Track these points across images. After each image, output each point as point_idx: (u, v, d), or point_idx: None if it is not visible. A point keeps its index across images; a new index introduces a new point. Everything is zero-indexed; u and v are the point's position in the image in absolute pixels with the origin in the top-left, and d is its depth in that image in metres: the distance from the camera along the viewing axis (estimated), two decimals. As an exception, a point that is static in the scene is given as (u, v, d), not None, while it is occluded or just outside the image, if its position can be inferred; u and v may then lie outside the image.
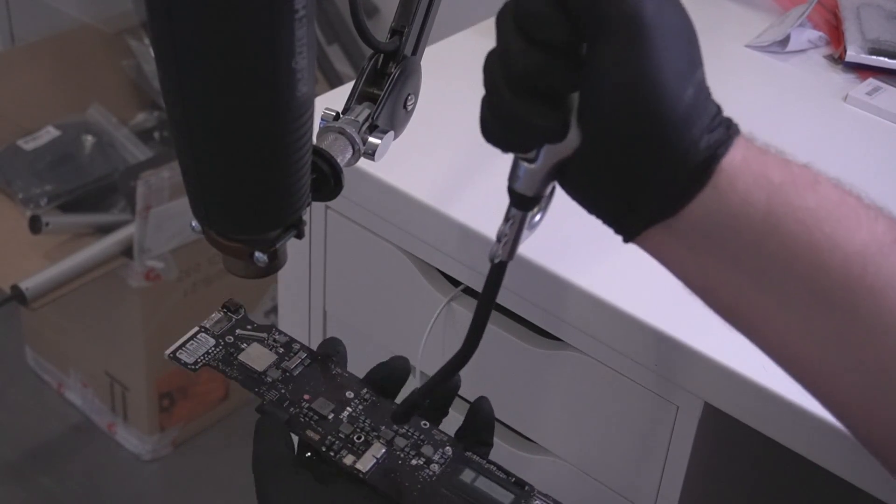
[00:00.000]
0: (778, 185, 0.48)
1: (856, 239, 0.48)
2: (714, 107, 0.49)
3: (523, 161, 0.51)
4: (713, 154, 0.48)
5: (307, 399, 0.62)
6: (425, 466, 0.60)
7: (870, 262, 0.48)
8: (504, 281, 0.90)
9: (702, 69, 0.49)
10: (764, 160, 0.49)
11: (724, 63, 1.14)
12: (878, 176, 0.98)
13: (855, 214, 0.49)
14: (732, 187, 0.48)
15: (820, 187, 0.49)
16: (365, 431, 0.61)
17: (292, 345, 0.65)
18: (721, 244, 0.49)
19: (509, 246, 0.54)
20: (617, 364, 0.86)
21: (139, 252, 1.85)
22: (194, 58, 0.48)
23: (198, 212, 0.56)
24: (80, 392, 1.99)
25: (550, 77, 0.48)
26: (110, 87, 2.18)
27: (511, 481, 0.60)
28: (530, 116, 0.48)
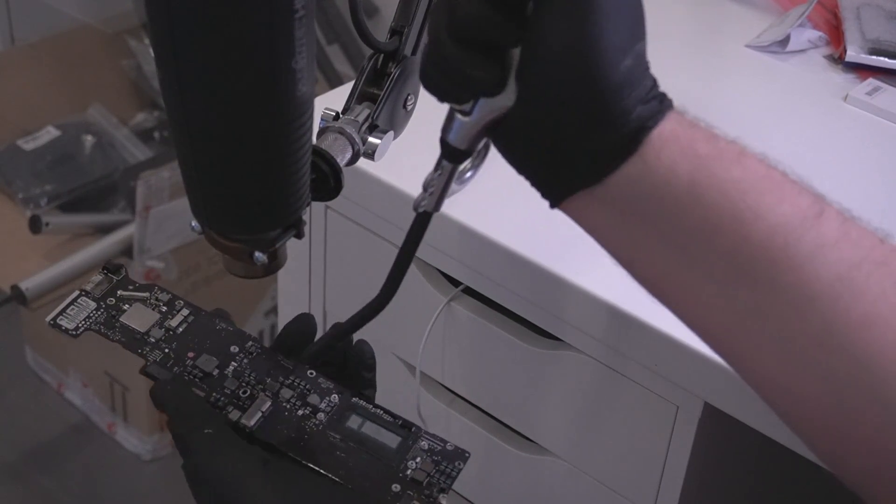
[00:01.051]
0: (703, 157, 0.48)
1: (779, 211, 0.48)
2: (650, 80, 0.49)
3: (458, 113, 0.51)
4: (643, 125, 0.48)
5: (191, 357, 0.61)
6: (312, 416, 0.60)
7: (791, 234, 0.48)
8: (504, 281, 0.90)
9: (643, 42, 0.49)
10: (692, 133, 0.49)
11: (724, 63, 1.14)
12: (878, 176, 0.98)
13: (779, 188, 0.49)
14: (658, 158, 0.48)
15: (745, 160, 0.49)
16: (250, 385, 0.60)
17: (175, 302, 0.64)
18: (645, 215, 0.49)
19: (435, 197, 0.55)
20: (617, 364, 0.86)
21: (139, 252, 1.85)
22: (194, 58, 0.48)
23: (198, 212, 0.56)
24: (80, 392, 1.99)
25: (492, 29, 0.48)
26: (110, 87, 2.18)
27: (398, 424, 0.60)
28: (467, 66, 0.48)
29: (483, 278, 0.91)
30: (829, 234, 0.48)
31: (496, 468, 1.01)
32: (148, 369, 0.61)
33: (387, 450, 0.59)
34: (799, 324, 0.48)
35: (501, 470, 1.00)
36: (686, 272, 0.50)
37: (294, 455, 0.58)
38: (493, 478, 1.02)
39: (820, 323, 0.48)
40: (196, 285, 1.91)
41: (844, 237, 0.48)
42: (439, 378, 1.01)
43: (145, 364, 0.61)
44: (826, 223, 0.48)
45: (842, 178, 0.97)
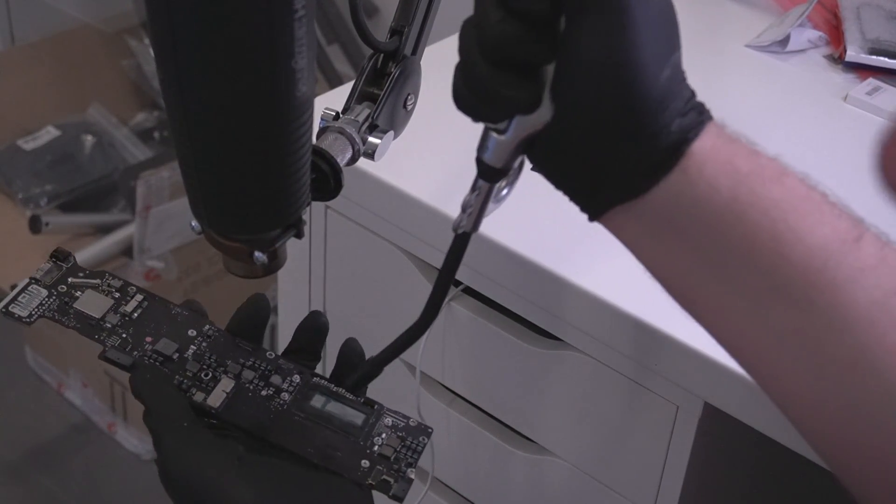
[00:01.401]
0: (745, 175, 0.48)
1: (818, 233, 0.48)
2: (688, 91, 0.49)
3: (493, 132, 0.51)
4: (684, 138, 0.48)
5: (150, 341, 0.61)
6: (276, 395, 0.60)
7: (831, 258, 0.47)
8: (504, 281, 0.90)
9: (679, 52, 0.49)
10: (733, 148, 0.49)
11: (724, 63, 1.14)
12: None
13: (819, 210, 0.49)
14: (700, 173, 0.48)
15: (787, 180, 0.49)
16: (212, 368, 0.60)
17: (128, 288, 0.64)
18: (684, 230, 0.49)
19: (474, 217, 0.54)
20: (617, 364, 0.86)
21: (139, 252, 1.85)
22: (194, 58, 0.48)
23: (198, 212, 0.56)
24: (80, 392, 1.99)
25: (525, 48, 0.47)
26: (110, 87, 2.18)
27: (360, 402, 0.61)
28: (502, 87, 0.48)
29: (483, 278, 0.91)
30: (868, 259, 0.48)
31: (496, 468, 1.01)
32: (107, 354, 0.61)
33: (352, 427, 0.60)
34: (833, 347, 0.48)
35: (501, 470, 1.00)
36: (722, 289, 0.50)
37: (261, 435, 0.58)
38: (493, 478, 1.02)
39: (855, 347, 0.47)
40: (196, 285, 1.91)
41: (882, 262, 0.48)
42: (439, 378, 1.01)
43: (104, 349, 0.61)
44: (865, 247, 0.48)
45: (842, 178, 0.97)
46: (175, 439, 0.56)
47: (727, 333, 0.51)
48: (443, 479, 1.06)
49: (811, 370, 0.49)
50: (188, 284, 1.90)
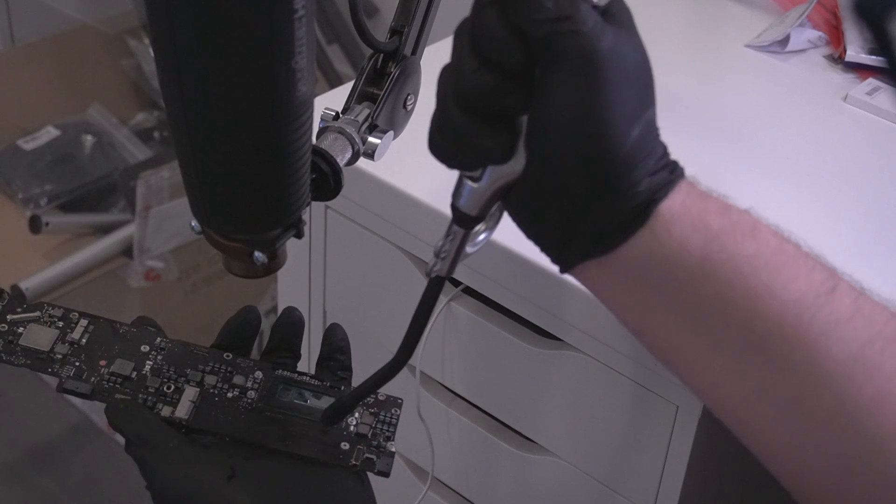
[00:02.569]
0: (716, 232, 0.48)
1: (792, 288, 0.48)
2: (661, 148, 0.49)
3: (468, 179, 0.51)
4: (652, 198, 0.48)
5: (104, 365, 0.61)
6: (242, 395, 0.60)
7: (806, 312, 0.47)
8: (504, 281, 0.90)
9: (653, 108, 0.49)
10: (704, 206, 0.49)
11: (724, 63, 1.14)
12: (878, 176, 0.98)
13: (793, 263, 0.48)
14: (668, 232, 0.48)
15: (759, 234, 0.49)
16: (172, 380, 0.60)
17: (70, 315, 0.63)
18: (655, 286, 0.49)
19: (448, 262, 0.54)
20: (617, 364, 0.86)
21: (139, 252, 1.85)
22: (194, 58, 0.48)
23: (198, 212, 0.56)
24: (80, 392, 1.99)
25: (499, 98, 0.47)
26: (110, 87, 2.18)
27: (327, 386, 0.61)
28: (475, 136, 0.48)
29: (483, 278, 0.91)
30: (843, 311, 0.48)
31: (496, 468, 1.01)
32: (65, 386, 0.60)
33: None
34: (811, 401, 0.48)
35: (501, 470, 1.00)
36: (697, 345, 0.50)
37: (238, 437, 0.58)
38: (493, 478, 1.02)
39: (832, 401, 0.47)
40: (196, 285, 1.91)
41: (857, 313, 0.48)
42: (439, 378, 1.01)
43: (60, 381, 0.60)
44: (839, 299, 0.48)
45: (842, 178, 0.97)
46: (166, 463, 0.55)
47: (705, 388, 0.51)
48: (443, 479, 1.06)
49: (790, 424, 0.49)
50: (188, 284, 1.90)
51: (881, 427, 0.47)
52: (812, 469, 0.49)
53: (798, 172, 0.97)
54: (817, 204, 0.93)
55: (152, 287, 1.85)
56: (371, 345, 1.04)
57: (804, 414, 0.48)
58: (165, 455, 0.56)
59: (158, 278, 1.85)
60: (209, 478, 0.55)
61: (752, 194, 0.93)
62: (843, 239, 0.88)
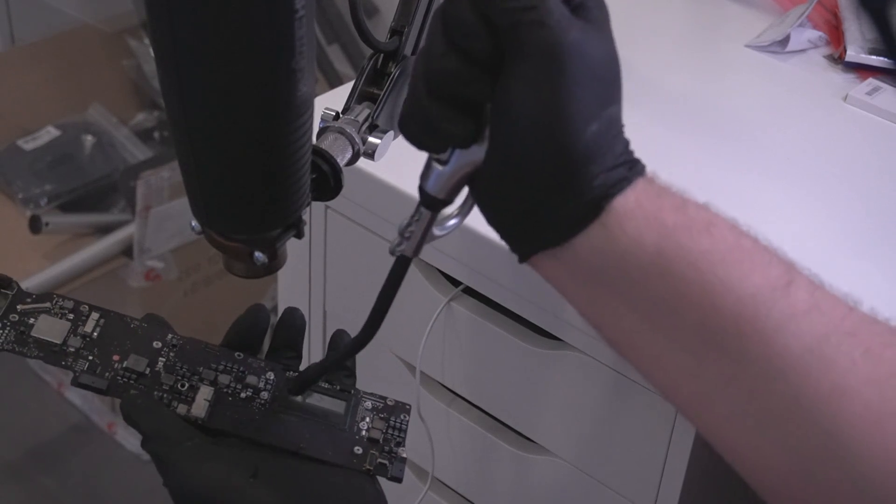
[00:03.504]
0: (671, 228, 0.48)
1: (748, 282, 0.47)
2: (621, 145, 0.49)
3: (436, 162, 0.52)
4: (605, 193, 0.48)
5: (117, 359, 0.60)
6: (255, 396, 0.60)
7: (762, 306, 0.47)
8: (504, 281, 0.90)
9: (617, 106, 0.49)
10: (659, 203, 0.49)
11: (724, 63, 1.14)
12: (879, 176, 0.98)
13: (749, 258, 0.48)
14: (622, 227, 0.48)
15: (715, 230, 0.48)
16: (186, 377, 0.60)
17: (80, 307, 0.61)
18: (610, 282, 0.49)
19: (414, 243, 0.55)
20: (617, 364, 0.86)
21: (139, 252, 1.85)
22: (194, 58, 0.48)
23: (198, 212, 0.56)
24: (79, 392, 1.99)
25: (464, 85, 0.48)
26: (110, 87, 2.18)
27: (337, 389, 0.62)
28: (440, 120, 0.49)
29: (483, 278, 0.91)
30: (799, 305, 0.47)
31: (496, 468, 1.01)
32: (80, 380, 0.59)
33: (335, 416, 0.60)
34: (768, 395, 0.48)
35: (501, 470, 1.00)
36: (653, 340, 0.50)
37: (252, 437, 0.58)
38: (493, 478, 1.02)
39: (789, 395, 0.47)
40: (196, 285, 1.91)
41: (814, 307, 0.48)
42: (439, 378, 1.01)
43: (75, 375, 0.59)
44: (796, 293, 0.48)
45: (842, 178, 0.97)
46: (187, 460, 0.55)
47: (663, 383, 0.52)
48: (443, 479, 1.06)
49: (748, 419, 0.49)
50: (188, 284, 1.90)
51: (838, 420, 0.47)
52: (772, 464, 0.49)
53: (798, 172, 0.97)
54: (817, 204, 0.93)
55: (152, 287, 1.85)
56: (371, 345, 1.04)
57: (762, 409, 0.48)
58: (185, 452, 0.56)
59: (158, 278, 1.85)
60: (231, 476, 0.55)
61: (752, 194, 0.93)
62: (843, 239, 0.88)
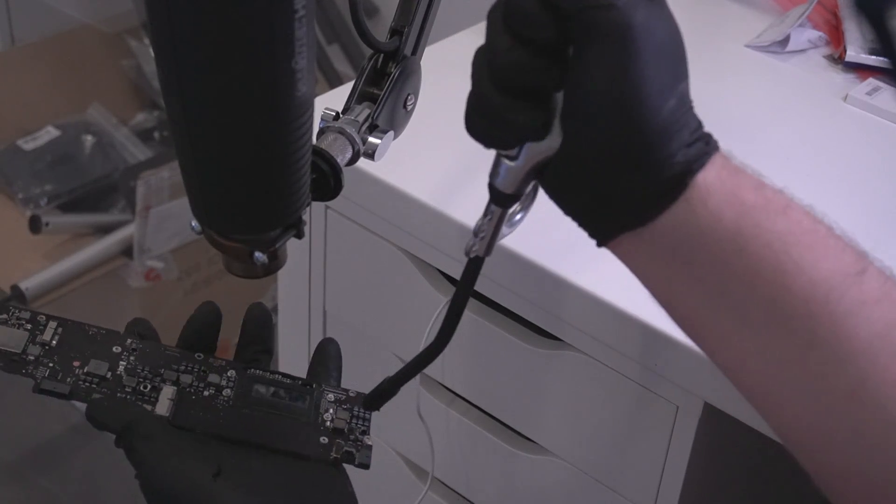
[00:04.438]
0: (749, 207, 0.48)
1: (822, 266, 0.48)
2: (695, 121, 0.49)
3: (505, 158, 0.51)
4: (688, 169, 0.48)
5: (78, 365, 0.60)
6: (218, 394, 0.60)
7: (833, 291, 0.48)
8: (504, 281, 0.90)
9: (686, 82, 0.49)
10: (738, 180, 0.49)
11: (724, 63, 1.14)
12: (878, 176, 0.98)
13: (823, 243, 0.49)
14: (704, 204, 0.48)
15: (791, 212, 0.49)
16: (148, 379, 0.60)
17: (37, 317, 0.62)
18: (688, 258, 0.49)
19: (486, 241, 0.55)
20: (617, 364, 0.86)
21: (139, 252, 1.85)
22: (194, 58, 0.48)
23: (198, 212, 0.56)
24: (80, 392, 1.99)
25: (534, 75, 0.48)
26: (110, 87, 2.18)
27: (299, 384, 0.62)
28: (512, 113, 0.49)
29: (483, 278, 0.91)
30: (871, 293, 0.48)
31: (496, 468, 1.01)
32: (42, 386, 0.59)
33: (299, 409, 0.61)
34: (834, 378, 0.48)
35: (501, 470, 1.00)
36: (724, 317, 0.50)
37: (217, 433, 0.58)
38: (493, 478, 1.02)
39: (855, 379, 0.48)
40: (196, 285, 1.91)
41: (885, 297, 0.48)
42: (439, 378, 1.01)
43: (36, 382, 0.59)
44: (868, 282, 0.48)
45: (842, 178, 0.97)
46: (154, 454, 0.55)
47: (729, 361, 0.52)
48: (443, 479, 1.06)
49: (812, 401, 0.49)
50: (188, 284, 1.90)
51: None
52: (831, 448, 0.50)
53: (798, 172, 0.97)
54: (817, 204, 0.93)
55: (152, 287, 1.85)
56: (371, 345, 1.04)
57: (826, 392, 0.48)
58: (155, 446, 0.56)
59: (158, 278, 1.85)
60: (197, 473, 0.55)
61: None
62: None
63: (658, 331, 0.81)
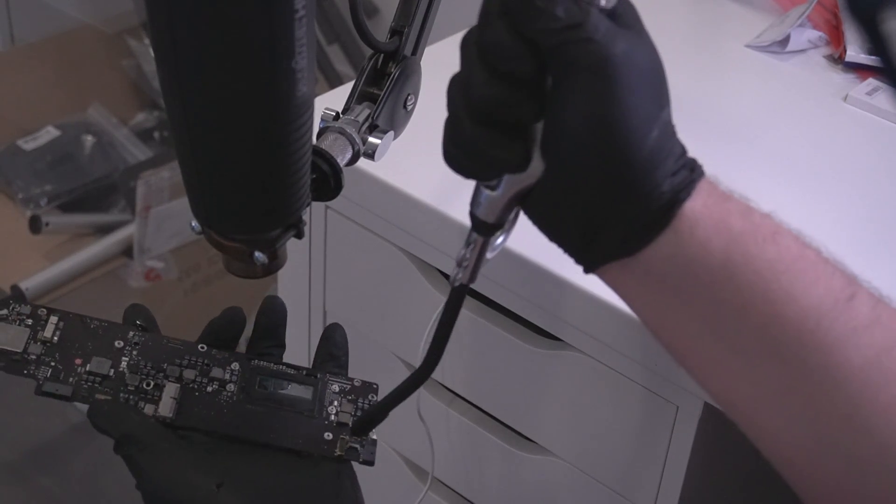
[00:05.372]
0: (737, 234, 0.48)
1: (812, 293, 0.48)
2: (679, 147, 0.49)
3: (485, 187, 0.51)
4: (675, 199, 0.48)
5: (80, 363, 0.59)
6: (222, 389, 0.60)
7: (824, 318, 0.47)
8: (504, 281, 0.90)
9: (668, 109, 0.48)
10: (726, 207, 0.49)
11: (724, 63, 1.14)
12: (878, 176, 0.98)
13: (813, 269, 0.48)
14: (691, 233, 0.48)
15: (780, 238, 0.49)
16: (151, 376, 0.59)
17: (38, 311, 0.60)
18: (677, 288, 0.49)
19: (469, 270, 0.54)
20: (617, 364, 0.86)
21: (139, 252, 1.85)
22: (194, 58, 0.48)
23: (198, 212, 0.56)
24: (80, 392, 1.99)
25: (512, 109, 0.47)
26: (110, 87, 2.18)
27: (304, 374, 0.61)
28: (490, 147, 0.47)
29: (483, 278, 0.91)
30: (861, 318, 0.48)
31: (496, 468, 1.01)
32: (44, 388, 0.58)
33: (303, 402, 0.60)
34: (826, 405, 0.48)
35: (501, 470, 1.00)
36: (714, 346, 0.50)
37: (221, 432, 0.58)
38: (493, 478, 1.02)
39: (847, 406, 0.48)
40: (196, 285, 1.91)
41: (875, 321, 0.48)
42: (439, 378, 1.01)
43: (38, 384, 0.58)
44: (858, 306, 0.48)
45: (842, 178, 0.97)
46: (155, 464, 0.55)
47: (720, 389, 0.52)
48: (443, 479, 1.06)
49: (804, 428, 0.49)
50: (188, 284, 1.90)
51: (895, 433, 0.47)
52: (825, 474, 0.49)
53: (798, 172, 0.97)
54: (817, 204, 0.93)
55: (152, 287, 1.85)
56: (371, 345, 1.04)
57: (819, 418, 0.48)
58: (156, 456, 0.55)
59: (158, 278, 1.85)
60: (199, 483, 0.54)
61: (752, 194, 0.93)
62: (843, 239, 0.88)
63: (658, 331, 0.81)
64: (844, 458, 0.48)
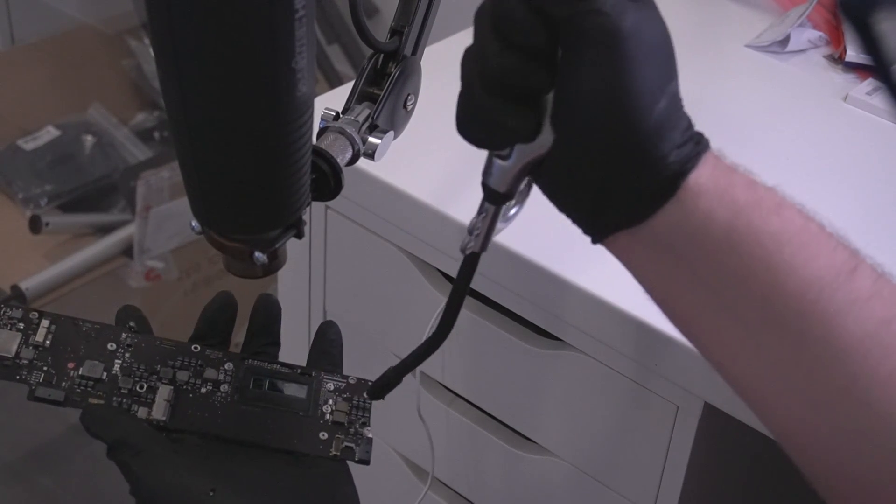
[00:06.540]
0: (742, 206, 0.49)
1: (814, 265, 0.48)
2: (685, 120, 0.50)
3: (497, 157, 0.52)
4: (681, 169, 0.48)
5: (72, 367, 0.58)
6: (215, 390, 0.59)
7: (825, 289, 0.48)
8: (504, 281, 0.90)
9: (676, 81, 0.49)
10: (731, 179, 0.49)
11: (724, 63, 1.14)
12: (879, 176, 0.98)
13: (816, 241, 0.49)
14: (696, 204, 0.49)
15: (784, 211, 0.49)
16: (144, 378, 0.59)
17: (29, 315, 0.59)
18: (682, 257, 0.50)
19: (481, 238, 0.55)
20: (617, 364, 0.86)
21: (139, 252, 1.85)
22: (194, 58, 0.48)
23: (198, 212, 0.56)
24: (80, 392, 1.99)
25: (524, 79, 0.48)
26: (110, 87, 2.18)
27: (298, 373, 0.61)
28: (502, 116, 0.49)
29: (483, 278, 0.91)
30: (862, 291, 0.48)
31: (496, 468, 1.01)
32: (36, 394, 0.57)
33: (298, 401, 0.60)
34: (825, 376, 0.49)
35: (501, 470, 1.00)
36: (717, 315, 0.50)
37: (216, 434, 0.58)
38: (493, 477, 1.02)
39: (847, 377, 0.48)
40: (196, 285, 1.91)
41: (877, 294, 0.49)
42: (439, 378, 1.01)
43: (31, 389, 0.58)
44: (859, 279, 0.49)
45: (841, 178, 0.97)
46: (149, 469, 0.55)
47: (722, 359, 0.52)
48: (443, 479, 1.06)
49: (803, 398, 0.50)
50: (188, 284, 1.90)
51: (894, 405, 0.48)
52: (823, 445, 0.50)
53: (798, 172, 0.97)
54: (817, 204, 0.93)
55: (152, 287, 1.85)
56: (371, 345, 1.04)
57: (818, 389, 0.49)
58: (149, 461, 0.55)
59: (158, 278, 1.85)
60: (193, 488, 0.54)
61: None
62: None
63: (658, 331, 0.81)
64: (842, 429, 0.49)
